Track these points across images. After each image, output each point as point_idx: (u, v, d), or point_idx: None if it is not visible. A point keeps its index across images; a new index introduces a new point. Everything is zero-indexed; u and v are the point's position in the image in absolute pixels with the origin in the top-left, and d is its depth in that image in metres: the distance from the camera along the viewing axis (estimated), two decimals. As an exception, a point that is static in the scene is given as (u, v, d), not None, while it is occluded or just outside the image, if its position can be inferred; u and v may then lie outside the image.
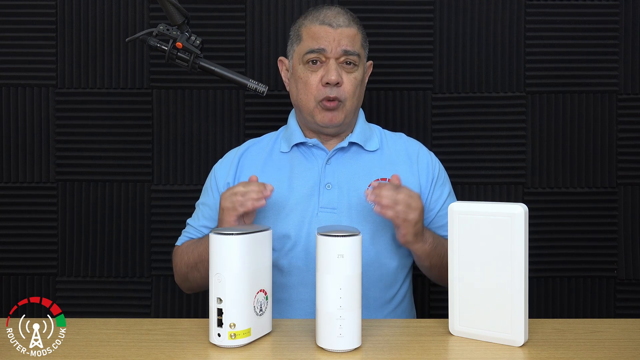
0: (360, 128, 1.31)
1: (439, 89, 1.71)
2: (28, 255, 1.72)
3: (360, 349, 0.89)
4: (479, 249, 0.92)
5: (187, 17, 1.21)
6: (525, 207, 0.90)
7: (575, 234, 1.71)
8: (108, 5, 1.70)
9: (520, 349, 0.88)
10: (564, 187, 1.71)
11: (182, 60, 1.22)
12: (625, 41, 1.70)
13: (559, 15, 1.70)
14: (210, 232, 0.90)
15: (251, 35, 1.71)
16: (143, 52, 1.71)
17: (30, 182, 1.72)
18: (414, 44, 1.71)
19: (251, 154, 1.33)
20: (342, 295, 0.86)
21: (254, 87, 1.24)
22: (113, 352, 0.87)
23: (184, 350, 0.88)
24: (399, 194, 1.09)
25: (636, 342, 0.91)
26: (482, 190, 1.72)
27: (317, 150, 1.29)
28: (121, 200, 1.72)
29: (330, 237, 0.86)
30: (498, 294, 0.90)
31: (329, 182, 1.25)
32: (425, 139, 1.69)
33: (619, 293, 1.71)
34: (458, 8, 1.70)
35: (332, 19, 1.24)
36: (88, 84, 1.71)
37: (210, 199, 1.31)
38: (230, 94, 1.72)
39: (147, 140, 1.72)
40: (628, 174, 1.71)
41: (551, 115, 1.71)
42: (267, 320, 0.95)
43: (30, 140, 1.71)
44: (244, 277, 0.89)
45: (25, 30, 1.71)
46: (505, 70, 1.71)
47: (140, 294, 1.73)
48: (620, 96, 1.70)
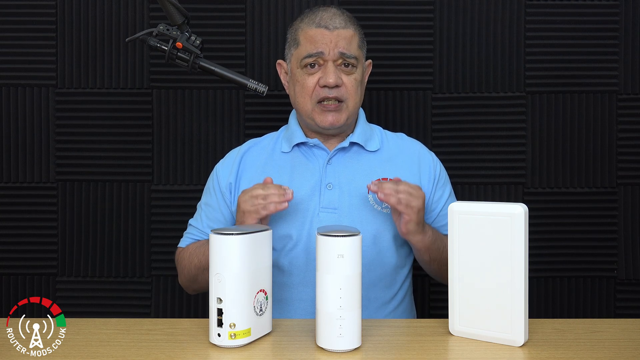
0: (361, 128, 1.31)
1: (439, 89, 1.71)
2: (28, 255, 1.72)
3: (360, 349, 0.88)
4: (479, 249, 0.92)
5: (187, 17, 1.21)
6: (525, 207, 0.90)
7: (575, 234, 1.71)
8: (108, 5, 1.70)
9: (520, 349, 0.88)
10: (564, 187, 1.71)
11: (182, 60, 1.22)
12: (625, 41, 1.70)
13: (559, 15, 1.70)
14: (210, 232, 0.91)
15: (251, 35, 1.71)
16: (143, 52, 1.71)
17: (30, 182, 1.72)
18: (414, 44, 1.71)
19: (253, 154, 1.33)
20: (342, 295, 0.86)
21: (254, 87, 1.24)
22: (113, 352, 0.87)
23: (184, 350, 0.88)
24: (399, 185, 1.12)
25: (636, 342, 0.91)
26: (482, 190, 1.72)
27: (318, 150, 1.29)
28: (121, 200, 1.72)
29: (330, 237, 0.86)
30: (498, 294, 0.90)
31: (330, 182, 1.25)
32: (425, 139, 1.69)
33: (619, 293, 1.71)
34: (458, 8, 1.70)
35: (328, 21, 1.24)
36: (88, 84, 1.71)
37: (213, 199, 1.31)
38: (230, 94, 1.72)
39: (147, 140, 1.72)
40: (628, 174, 1.71)
41: (551, 115, 1.71)
42: (267, 320, 0.95)
43: (30, 140, 1.71)
44: (244, 277, 0.89)
45: (25, 30, 1.71)
46: (505, 70, 1.71)
47: (140, 294, 1.73)
48: (620, 96, 1.70)
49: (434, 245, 1.20)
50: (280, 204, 1.10)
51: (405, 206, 1.11)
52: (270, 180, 1.16)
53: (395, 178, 1.16)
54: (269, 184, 1.13)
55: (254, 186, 1.14)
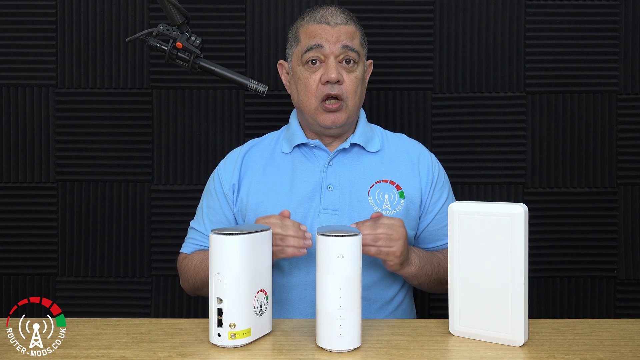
0: (361, 129, 1.31)
1: (439, 89, 1.71)
2: (28, 255, 1.72)
3: (360, 349, 0.89)
4: (479, 249, 0.92)
5: (187, 17, 1.21)
6: (525, 207, 0.90)
7: (575, 234, 1.71)
8: (108, 5, 1.70)
9: (520, 349, 0.88)
10: (564, 187, 1.71)
11: (182, 60, 1.22)
12: (625, 41, 1.70)
13: (559, 15, 1.70)
14: (210, 232, 0.90)
15: (251, 35, 1.71)
16: (143, 52, 1.71)
17: (30, 182, 1.72)
18: (414, 44, 1.71)
19: (254, 154, 1.33)
20: (342, 295, 0.86)
21: (254, 87, 1.24)
22: (113, 352, 0.87)
23: (184, 350, 0.88)
24: (377, 228, 1.07)
25: (636, 342, 0.91)
26: (482, 190, 1.72)
27: (319, 151, 1.28)
28: (121, 200, 1.72)
29: (330, 237, 0.86)
30: (498, 294, 0.90)
31: (330, 183, 1.25)
32: (425, 139, 1.69)
33: (619, 293, 1.71)
34: (458, 8, 1.70)
35: (329, 18, 1.24)
36: (88, 84, 1.71)
37: (215, 202, 1.30)
38: (230, 94, 1.72)
39: (147, 140, 1.72)
40: (628, 174, 1.71)
41: (551, 115, 1.71)
42: (267, 320, 0.95)
43: (30, 140, 1.71)
44: (244, 277, 0.89)
45: (25, 30, 1.71)
46: (505, 70, 1.71)
47: (140, 294, 1.73)
48: (620, 96, 1.70)
49: (421, 272, 1.18)
50: (298, 250, 1.07)
51: (386, 254, 1.09)
52: (287, 214, 1.11)
53: (374, 214, 1.13)
54: (287, 222, 1.08)
55: (271, 218, 1.09)
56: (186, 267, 1.28)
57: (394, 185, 1.26)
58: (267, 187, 1.26)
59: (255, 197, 1.26)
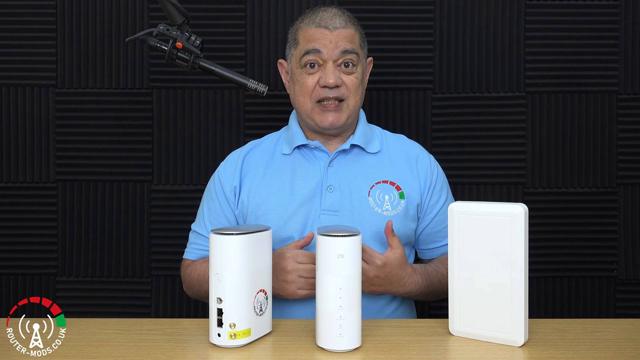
0: (361, 130, 1.31)
1: (439, 89, 1.71)
2: (28, 255, 1.72)
3: (360, 349, 0.89)
4: (479, 249, 0.92)
5: (187, 17, 1.21)
6: (525, 207, 0.90)
7: (575, 234, 1.71)
8: (108, 5, 1.70)
9: (520, 349, 0.88)
10: (564, 187, 1.71)
11: (182, 60, 1.22)
12: (625, 41, 1.70)
13: (559, 15, 1.70)
14: (210, 232, 0.90)
15: (251, 35, 1.71)
16: (143, 52, 1.71)
17: (30, 182, 1.72)
18: (414, 44, 1.71)
19: (254, 156, 1.33)
20: (342, 295, 0.86)
21: (254, 87, 1.24)
22: (113, 352, 0.87)
23: (184, 350, 0.88)
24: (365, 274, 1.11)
25: (636, 342, 0.91)
26: (482, 190, 1.72)
27: (319, 152, 1.28)
28: (121, 200, 1.72)
29: (330, 237, 0.86)
30: (498, 294, 0.90)
31: (331, 184, 1.25)
32: (425, 139, 1.69)
33: (619, 293, 1.71)
34: (458, 8, 1.70)
35: (328, 21, 1.23)
36: (88, 84, 1.71)
37: (217, 204, 1.30)
38: (230, 94, 1.72)
39: (147, 140, 1.72)
40: (628, 174, 1.71)
41: (551, 115, 1.71)
42: (267, 320, 0.95)
43: (30, 140, 1.71)
44: (244, 277, 0.89)
45: (25, 30, 1.71)
46: (505, 70, 1.70)
47: (140, 294, 1.73)
48: (620, 96, 1.70)
49: (417, 293, 1.20)
50: (311, 291, 1.11)
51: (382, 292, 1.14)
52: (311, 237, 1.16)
53: (389, 223, 1.15)
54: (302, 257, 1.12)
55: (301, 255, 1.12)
56: (190, 276, 1.28)
57: (394, 186, 1.26)
58: (268, 188, 1.26)
59: (256, 199, 1.26)
